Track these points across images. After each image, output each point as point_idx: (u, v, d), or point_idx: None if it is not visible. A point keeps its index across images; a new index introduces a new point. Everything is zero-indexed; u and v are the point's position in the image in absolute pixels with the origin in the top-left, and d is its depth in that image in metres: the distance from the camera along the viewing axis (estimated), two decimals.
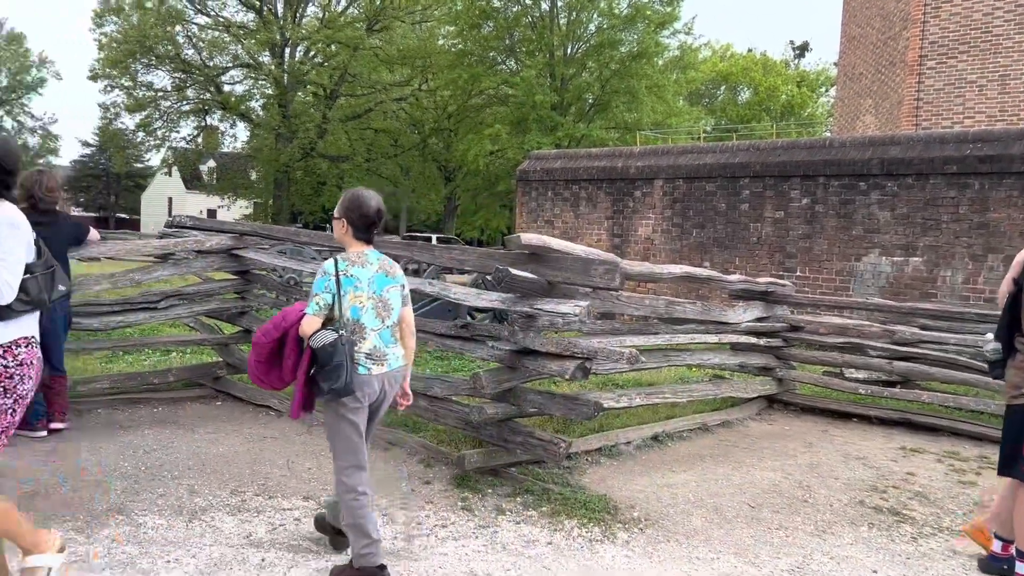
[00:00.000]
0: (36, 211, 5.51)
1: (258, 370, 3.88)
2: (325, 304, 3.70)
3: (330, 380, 3.59)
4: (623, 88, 33.95)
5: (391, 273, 3.91)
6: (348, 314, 3.72)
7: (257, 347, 3.84)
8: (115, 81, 44.96)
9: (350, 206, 3.84)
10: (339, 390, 3.61)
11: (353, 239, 3.86)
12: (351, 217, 3.83)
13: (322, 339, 3.61)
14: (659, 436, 6.41)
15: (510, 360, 5.03)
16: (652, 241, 14.22)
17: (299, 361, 3.73)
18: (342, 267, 3.74)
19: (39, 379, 3.38)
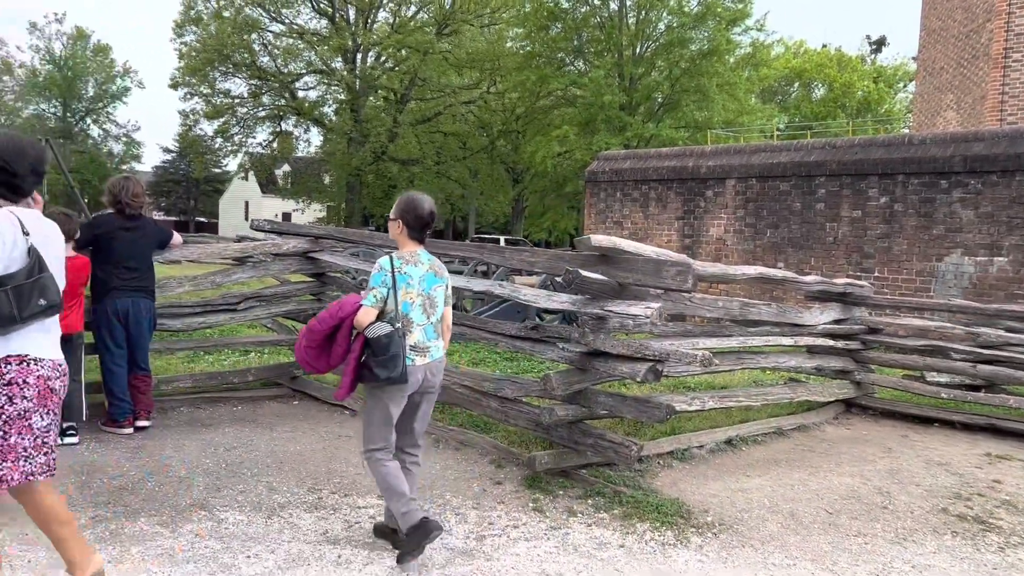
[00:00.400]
0: (123, 216, 5.74)
1: (308, 354, 4.11)
2: (381, 297, 3.96)
3: (387, 369, 3.84)
4: (693, 87, 33.57)
5: (439, 273, 4.17)
6: (400, 309, 3.97)
7: (312, 333, 4.07)
8: (194, 89, 46.34)
9: (406, 208, 4.10)
10: (395, 378, 3.88)
11: (408, 239, 4.12)
12: (407, 219, 4.09)
13: (378, 330, 3.88)
14: (732, 440, 6.32)
15: (580, 362, 5.03)
16: (724, 242, 14.02)
17: (349, 349, 3.99)
18: (397, 264, 4.02)
19: (48, 400, 3.13)
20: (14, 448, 3.06)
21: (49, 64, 64.38)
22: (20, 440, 3.08)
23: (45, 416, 3.16)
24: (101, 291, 5.63)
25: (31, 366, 3.11)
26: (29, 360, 3.11)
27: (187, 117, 48.46)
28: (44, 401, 3.14)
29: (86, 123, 68.16)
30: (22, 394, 3.05)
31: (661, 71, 35.34)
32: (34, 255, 3.10)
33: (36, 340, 3.16)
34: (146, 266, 5.78)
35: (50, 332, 3.23)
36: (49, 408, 3.17)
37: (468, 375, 5.76)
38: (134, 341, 5.75)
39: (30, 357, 3.12)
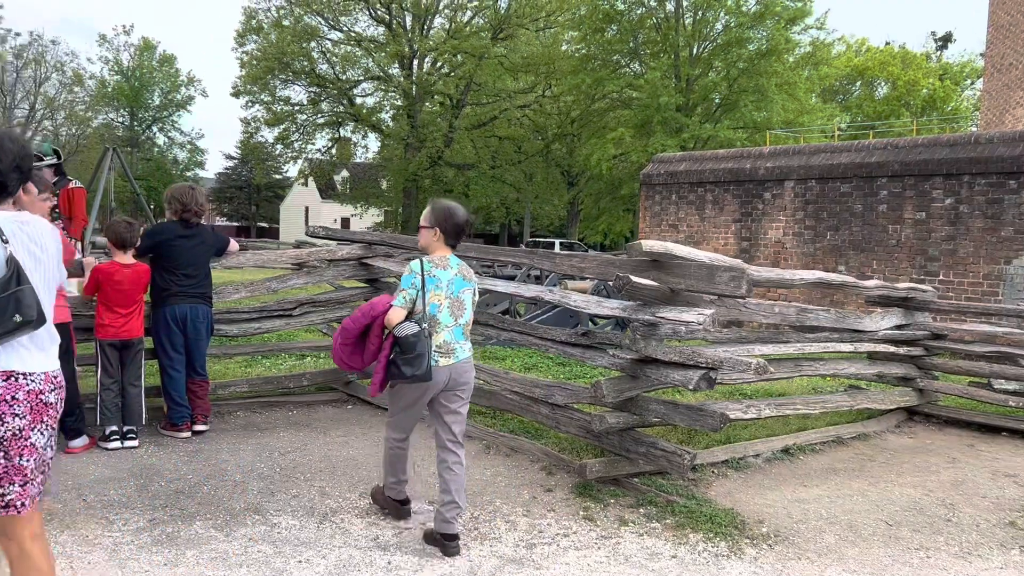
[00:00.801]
0: (184, 224, 5.85)
1: (342, 352, 4.35)
2: (410, 299, 4.18)
3: (412, 367, 4.06)
4: (752, 87, 33.09)
5: (467, 277, 4.36)
6: (428, 310, 4.18)
7: (346, 332, 4.31)
8: (255, 97, 47.26)
9: (445, 217, 4.28)
10: (420, 376, 4.08)
11: (443, 245, 4.32)
12: (445, 227, 4.28)
13: (406, 329, 4.09)
14: (790, 449, 6.18)
15: (632, 369, 4.97)
16: (783, 245, 13.77)
17: (381, 346, 4.21)
18: (427, 268, 4.22)
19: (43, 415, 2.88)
20: (21, 471, 2.81)
21: (117, 75, 66.29)
22: (25, 462, 2.83)
23: (44, 432, 2.90)
24: (161, 298, 5.75)
25: (19, 381, 2.82)
26: (16, 375, 2.82)
27: (248, 124, 49.48)
28: (40, 416, 2.88)
29: (152, 131, 69.98)
30: (12, 411, 2.79)
31: (719, 71, 34.91)
32: (12, 265, 2.78)
33: (22, 354, 2.86)
34: (204, 273, 5.88)
35: (41, 344, 2.93)
36: (47, 423, 2.92)
37: (518, 381, 5.73)
38: (192, 346, 5.86)
39: (17, 372, 2.83)
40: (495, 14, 44.23)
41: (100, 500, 4.63)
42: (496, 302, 11.39)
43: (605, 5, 35.68)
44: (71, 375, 5.34)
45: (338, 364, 4.45)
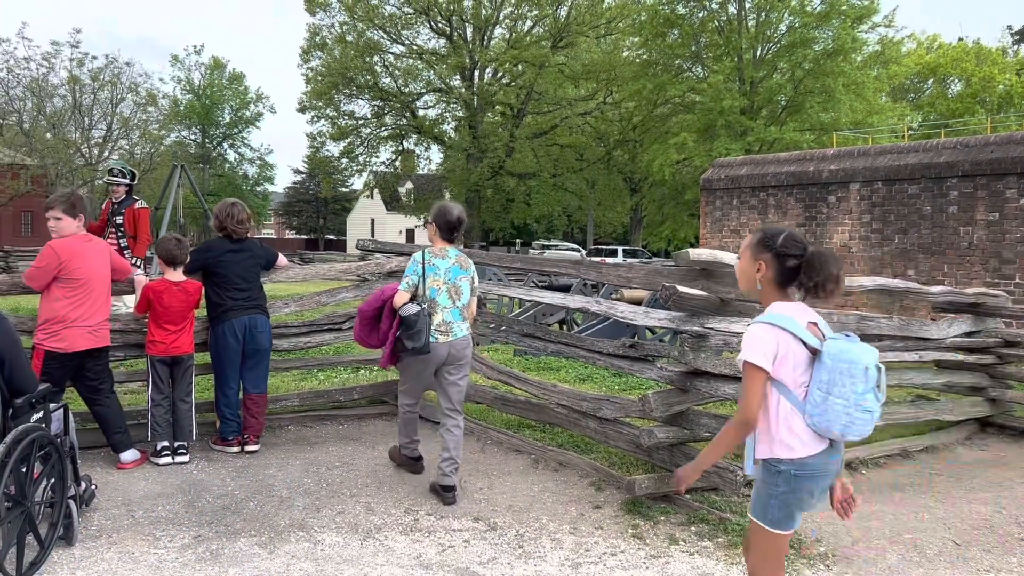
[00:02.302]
0: (230, 239, 5.90)
1: (362, 332, 5.19)
2: (412, 284, 4.98)
3: (413, 341, 4.80)
4: (818, 88, 32.42)
5: (464, 266, 5.12)
6: (428, 293, 4.95)
7: (362, 314, 5.17)
8: (320, 112, 48.11)
9: (437, 214, 5.10)
10: (419, 348, 4.83)
11: (440, 239, 5.11)
12: (439, 223, 5.09)
13: (408, 309, 4.86)
14: (851, 463, 5.93)
15: (681, 382, 4.82)
16: (849, 249, 13.36)
17: (391, 327, 4.95)
18: (427, 258, 5.03)
19: None
20: None
21: (189, 93, 68.20)
22: None
23: None
24: (217, 313, 5.79)
25: None
26: None
27: (314, 139, 50.39)
28: None
29: (223, 148, 71.75)
30: None
31: (783, 73, 34.30)
32: None
33: None
34: (256, 286, 5.91)
35: None
36: None
37: (566, 394, 5.62)
38: (252, 359, 5.86)
39: None
40: (555, 23, 44.23)
41: (148, 516, 4.66)
42: (551, 312, 11.28)
43: (666, 10, 35.39)
44: (112, 390, 5.42)
45: (359, 342, 5.25)
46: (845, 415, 2.76)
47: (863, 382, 2.76)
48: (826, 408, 2.78)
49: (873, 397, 2.78)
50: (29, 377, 4.03)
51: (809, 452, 2.84)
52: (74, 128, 53.17)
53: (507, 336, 6.29)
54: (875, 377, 2.79)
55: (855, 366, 2.77)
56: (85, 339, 5.11)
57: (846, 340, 2.85)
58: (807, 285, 2.86)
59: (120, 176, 8.58)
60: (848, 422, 2.77)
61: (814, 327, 2.88)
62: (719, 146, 31.02)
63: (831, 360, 2.79)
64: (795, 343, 2.82)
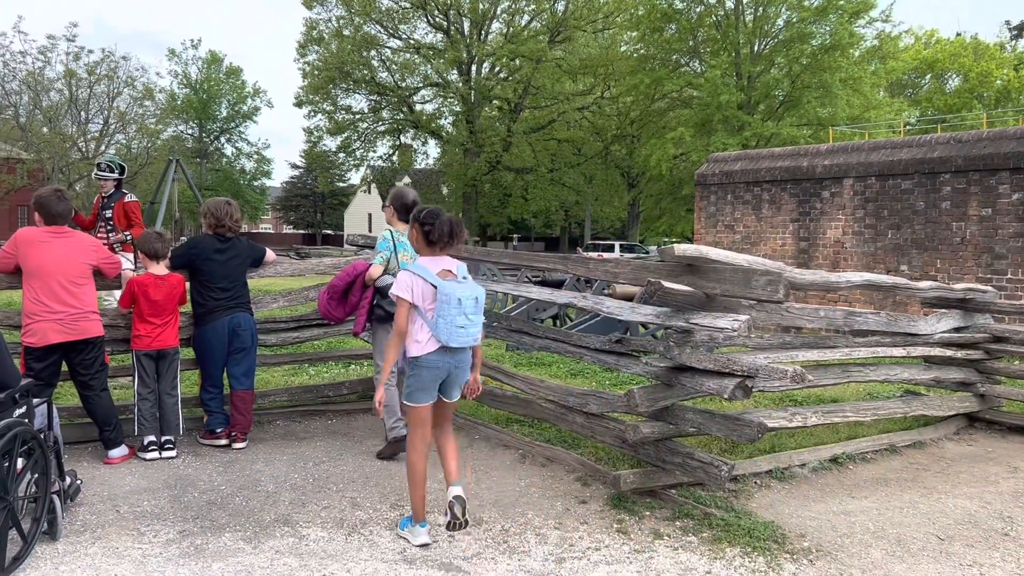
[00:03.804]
0: (219, 238, 5.88)
1: (330, 306, 5.74)
2: (385, 259, 5.64)
3: (393, 307, 4.92)
4: (815, 83, 32.40)
5: None
6: (399, 266, 5.52)
7: (333, 288, 5.74)
8: (317, 106, 48.02)
9: (395, 198, 5.85)
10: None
11: (398, 220, 5.77)
12: (396, 205, 5.81)
13: (385, 280, 5.54)
14: (838, 458, 5.93)
15: (666, 377, 4.83)
16: (842, 244, 13.37)
17: (362, 299, 5.66)
18: (396, 236, 5.72)
19: None
20: None
21: (186, 87, 68.02)
22: None
23: None
24: (200, 313, 5.79)
25: None
26: None
27: (311, 134, 50.35)
28: None
29: (220, 142, 71.61)
30: None
31: (781, 68, 34.29)
32: None
33: None
34: (240, 283, 5.91)
35: None
36: None
37: (553, 389, 5.63)
38: (237, 356, 5.87)
39: None
40: (552, 17, 44.18)
41: (133, 511, 4.67)
42: (544, 308, 11.28)
43: (663, 4, 35.36)
44: (104, 387, 5.42)
45: (325, 316, 5.75)
46: (446, 329, 4.20)
47: (456, 308, 4.19)
48: (437, 324, 4.21)
49: (464, 319, 4.23)
50: (11, 372, 4.03)
51: (426, 351, 4.26)
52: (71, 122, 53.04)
53: (496, 332, 6.29)
54: (466, 306, 4.22)
55: (452, 297, 4.18)
56: (56, 332, 5.10)
57: (455, 282, 4.28)
58: (439, 243, 4.36)
59: (108, 171, 8.57)
60: (449, 334, 4.21)
61: (447, 272, 4.34)
62: (716, 141, 31.00)
63: (441, 295, 4.20)
64: (425, 284, 4.26)
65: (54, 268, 5.12)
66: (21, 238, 5.19)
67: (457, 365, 4.36)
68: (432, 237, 4.36)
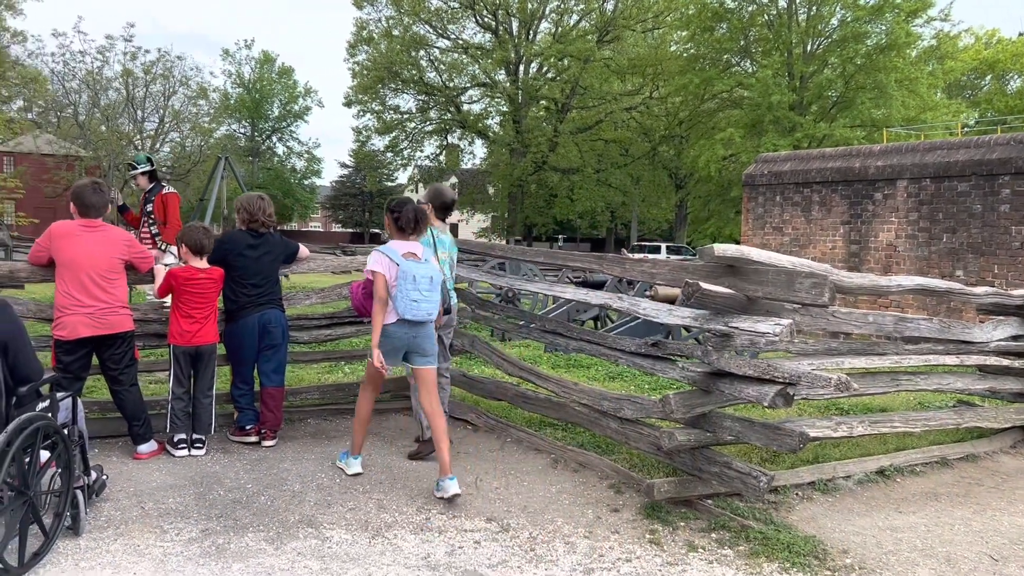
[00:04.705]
0: (253, 233, 5.83)
1: (365, 299, 5.35)
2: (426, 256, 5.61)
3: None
4: (870, 83, 31.69)
5: (453, 241, 6.00)
6: (438, 265, 5.35)
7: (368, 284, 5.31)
8: (366, 106, 48.35)
9: (434, 196, 5.86)
10: (446, 310, 5.53)
11: (435, 218, 5.76)
12: (435, 204, 5.80)
13: None
14: (885, 470, 5.67)
15: (704, 383, 4.63)
16: (895, 248, 12.96)
17: None
18: (436, 233, 5.69)
19: None
20: None
21: (239, 87, 69.02)
22: None
23: None
24: (231, 309, 5.75)
25: None
26: None
27: (360, 133, 50.71)
28: None
29: (272, 141, 72.53)
30: None
31: (834, 68, 33.62)
32: None
33: None
34: (272, 280, 5.84)
35: None
36: None
37: (586, 392, 5.46)
38: (267, 353, 5.81)
39: None
40: (601, 17, 43.92)
41: (158, 508, 4.61)
42: (584, 309, 11.10)
43: (714, 3, 34.94)
44: (134, 382, 5.39)
45: (358, 311, 5.43)
46: (402, 303, 4.87)
47: (411, 284, 4.87)
48: (396, 298, 4.88)
49: (417, 294, 4.88)
50: (34, 365, 3.99)
51: (390, 321, 4.94)
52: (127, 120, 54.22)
53: (531, 332, 6.14)
54: (420, 283, 4.89)
55: (408, 275, 4.87)
56: (86, 326, 5.07)
57: (415, 262, 4.93)
58: (406, 228, 5.04)
59: (130, 169, 8.62)
60: (405, 307, 4.88)
61: (411, 254, 4.98)
62: (767, 142, 30.48)
63: (400, 272, 4.87)
64: (391, 262, 4.91)
65: (85, 261, 5.11)
66: (55, 231, 5.19)
67: (416, 336, 5.01)
68: (400, 224, 5.06)
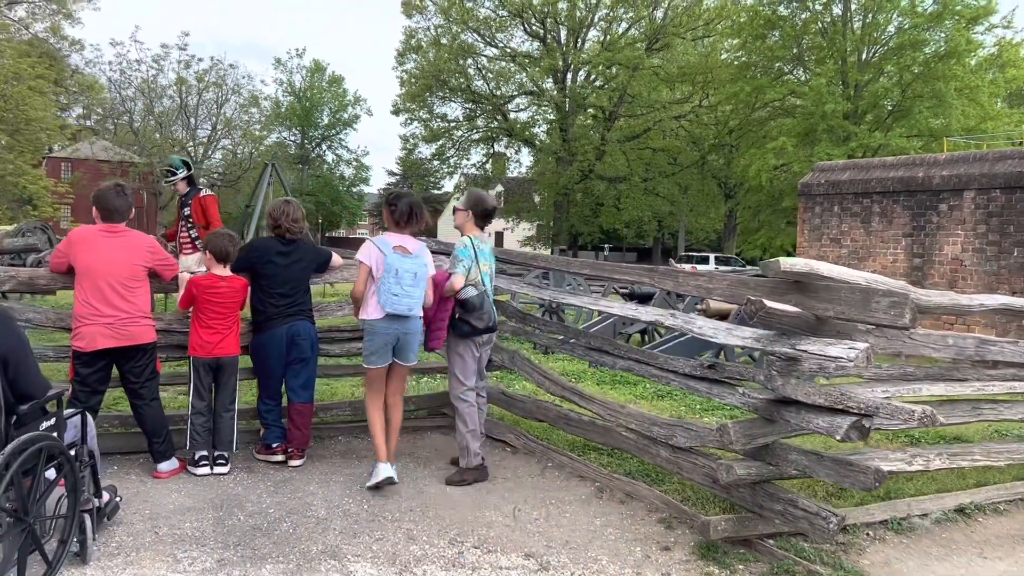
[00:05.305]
0: (282, 240, 5.53)
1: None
2: (467, 269, 5.21)
3: (483, 321, 5.21)
4: (928, 92, 30.68)
5: (492, 251, 5.58)
6: (480, 277, 5.27)
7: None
8: (414, 114, 48.35)
9: (475, 202, 5.42)
10: (490, 327, 5.30)
11: (474, 226, 5.39)
12: (476, 211, 5.38)
13: (468, 293, 5.21)
14: (965, 508, 5.15)
15: (766, 410, 4.19)
16: (961, 262, 12.29)
17: (438, 311, 5.19)
18: (476, 243, 5.31)
19: None
20: None
21: (290, 95, 69.65)
22: None
23: None
24: (259, 320, 5.44)
25: None
26: None
27: (407, 141, 50.70)
28: None
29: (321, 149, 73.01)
30: None
31: (891, 76, 32.65)
32: None
33: None
34: (302, 290, 5.53)
35: None
36: None
37: (635, 416, 5.03)
38: (295, 367, 5.50)
39: None
40: (651, 25, 43.39)
41: (172, 534, 4.30)
42: (632, 322, 10.65)
43: (767, 11, 34.22)
44: (155, 396, 5.10)
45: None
46: (383, 296, 4.85)
47: (393, 278, 4.85)
48: (379, 290, 4.86)
49: (398, 288, 4.85)
50: (37, 381, 3.70)
51: (374, 317, 4.92)
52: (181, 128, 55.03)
53: (574, 349, 5.73)
54: (403, 277, 4.86)
55: (391, 268, 4.86)
56: (105, 337, 4.79)
57: (400, 256, 4.92)
58: (400, 221, 5.09)
59: (169, 175, 8.38)
60: (386, 300, 4.85)
61: (401, 247, 4.99)
62: (820, 151, 29.67)
63: (386, 264, 4.87)
64: (380, 254, 4.92)
65: (105, 269, 4.83)
66: (74, 236, 4.93)
67: (406, 331, 5.00)
68: (395, 216, 5.09)
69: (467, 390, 5.33)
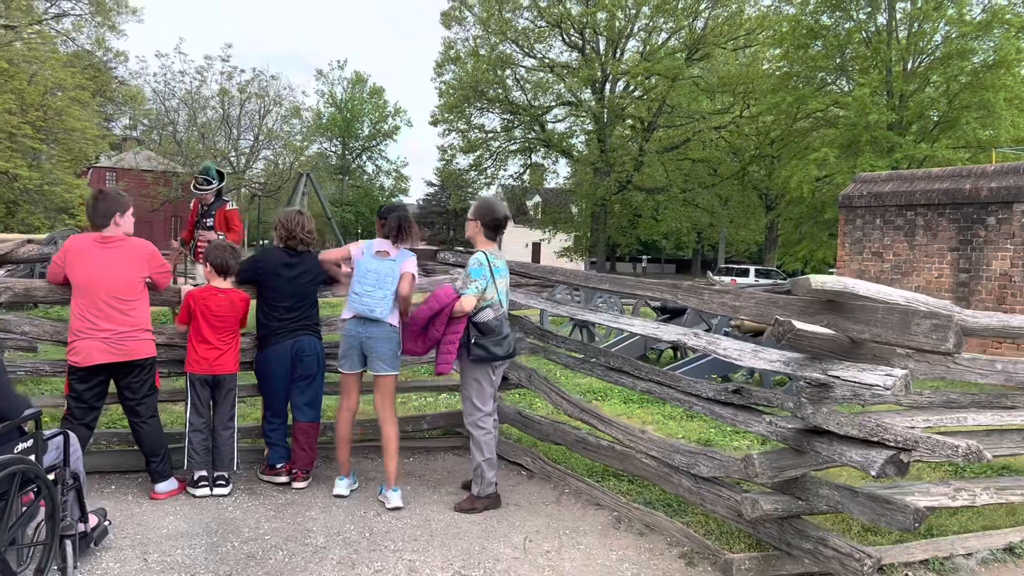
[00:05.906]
0: (289, 251, 5.32)
1: (407, 339, 4.95)
2: (480, 289, 4.77)
3: (501, 347, 4.85)
4: (975, 102, 29.82)
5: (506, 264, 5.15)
6: (497, 296, 4.89)
7: (414, 320, 4.83)
8: (452, 125, 48.38)
9: (483, 211, 4.98)
10: (510, 354, 4.96)
11: (484, 238, 4.97)
12: (485, 221, 4.95)
13: (485, 315, 4.82)
14: (1015, 547, 4.75)
15: (796, 440, 3.85)
16: (1010, 279, 11.75)
17: (447, 333, 4.75)
18: (492, 259, 4.89)
19: None
20: None
21: (331, 107, 70.26)
22: None
23: None
24: (263, 335, 5.23)
25: None
26: None
27: (445, 152, 50.77)
28: None
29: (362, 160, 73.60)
30: None
31: (937, 86, 31.84)
32: None
33: None
34: (309, 303, 5.31)
35: None
36: None
37: (655, 443, 4.72)
38: (301, 383, 5.28)
39: None
40: (691, 34, 42.93)
41: (162, 561, 4.08)
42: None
43: (809, 20, 33.64)
44: (153, 414, 4.90)
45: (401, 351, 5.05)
46: (349, 295, 4.93)
47: (358, 278, 4.91)
48: (351, 294, 4.90)
49: (360, 287, 4.88)
50: (11, 400, 3.50)
51: (344, 317, 4.99)
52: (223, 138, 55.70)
53: (594, 369, 5.42)
54: (367, 277, 4.88)
55: (360, 269, 4.93)
56: (101, 352, 4.60)
57: (371, 257, 4.95)
58: (389, 235, 5.02)
59: (205, 184, 8.32)
60: (350, 299, 4.92)
61: (382, 252, 4.99)
62: (863, 163, 28.97)
63: (357, 265, 4.94)
64: (360, 256, 4.98)
65: (101, 282, 4.65)
66: (69, 247, 4.75)
67: (368, 335, 4.88)
68: (384, 230, 5.06)
69: (484, 416, 4.98)
